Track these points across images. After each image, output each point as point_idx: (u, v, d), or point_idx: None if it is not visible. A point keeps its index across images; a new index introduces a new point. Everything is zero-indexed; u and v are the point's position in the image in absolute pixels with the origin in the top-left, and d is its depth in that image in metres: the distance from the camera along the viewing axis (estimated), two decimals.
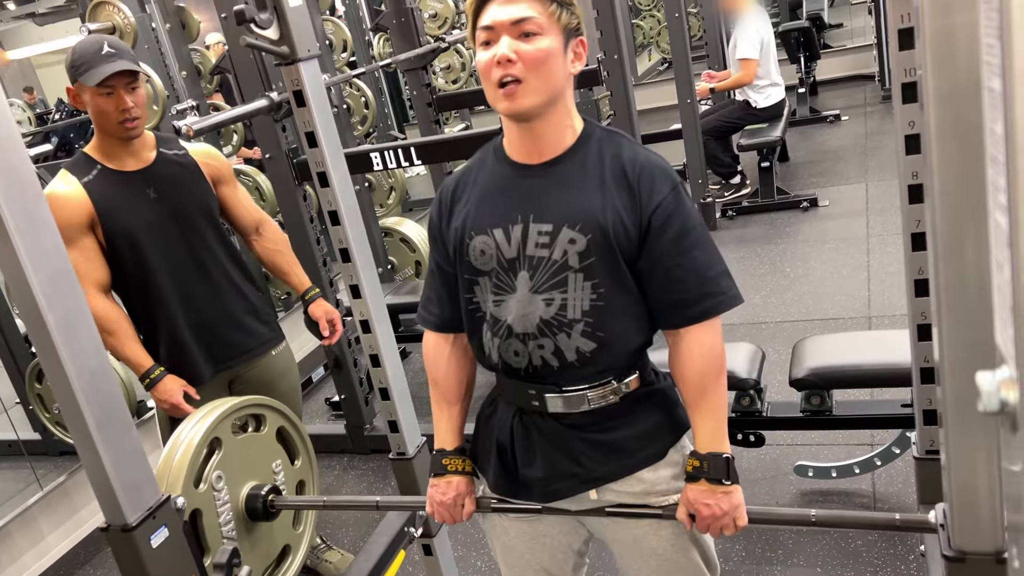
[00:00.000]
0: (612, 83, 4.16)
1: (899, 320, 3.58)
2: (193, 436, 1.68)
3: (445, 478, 1.55)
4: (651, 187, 1.32)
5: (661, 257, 1.33)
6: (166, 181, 2.16)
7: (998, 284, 0.54)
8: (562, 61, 1.30)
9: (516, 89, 1.28)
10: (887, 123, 6.57)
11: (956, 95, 0.94)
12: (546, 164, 1.36)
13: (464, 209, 1.42)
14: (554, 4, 1.29)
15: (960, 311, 1.03)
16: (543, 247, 1.34)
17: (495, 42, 1.29)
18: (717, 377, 1.38)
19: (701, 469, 1.39)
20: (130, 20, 3.35)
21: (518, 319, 1.38)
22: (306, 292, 2.47)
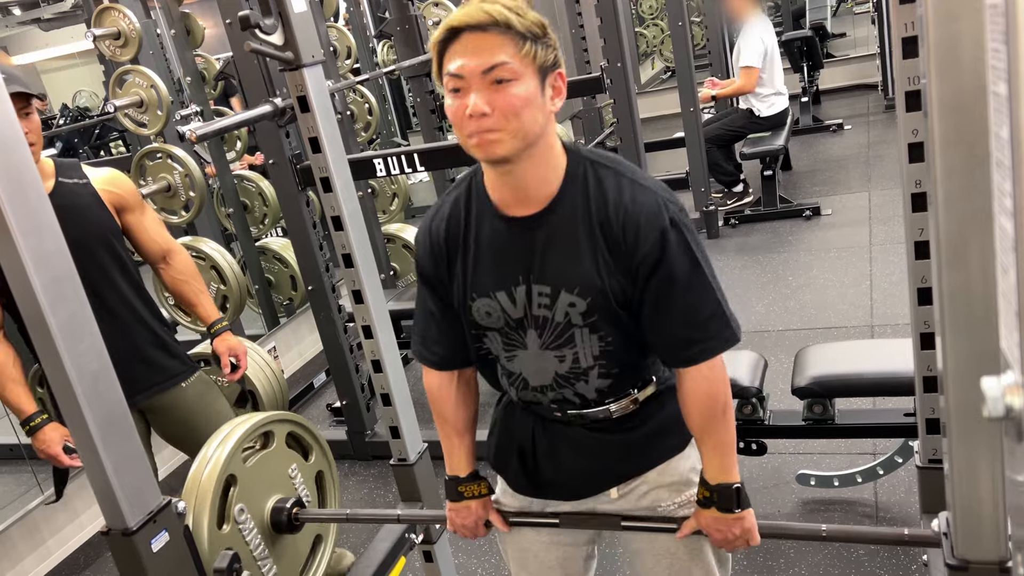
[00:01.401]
0: (615, 91, 4.17)
1: (902, 329, 3.57)
2: (207, 478, 1.67)
3: (463, 504, 1.57)
4: (636, 237, 1.25)
5: (647, 303, 1.30)
6: (62, 213, 2.02)
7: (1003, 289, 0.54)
8: (540, 102, 1.21)
9: (491, 138, 1.20)
10: (890, 132, 6.58)
11: (960, 103, 0.94)
12: (537, 216, 1.29)
13: (461, 264, 1.36)
14: (528, 42, 1.19)
15: (964, 319, 1.03)
16: (545, 308, 1.33)
17: (465, 91, 1.19)
18: (720, 416, 1.36)
19: (711, 500, 1.40)
20: (135, 25, 3.36)
21: (533, 373, 1.40)
22: (212, 325, 2.39)
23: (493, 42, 1.18)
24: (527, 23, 1.19)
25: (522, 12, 1.20)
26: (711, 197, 5.44)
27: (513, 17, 1.18)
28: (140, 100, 3.38)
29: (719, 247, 5.14)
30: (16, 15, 5.28)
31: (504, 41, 1.18)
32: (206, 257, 3.44)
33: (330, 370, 3.59)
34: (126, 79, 3.39)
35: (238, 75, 3.00)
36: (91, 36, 3.37)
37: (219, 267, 3.47)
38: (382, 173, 2.83)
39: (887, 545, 2.37)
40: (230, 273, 3.52)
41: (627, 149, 4.41)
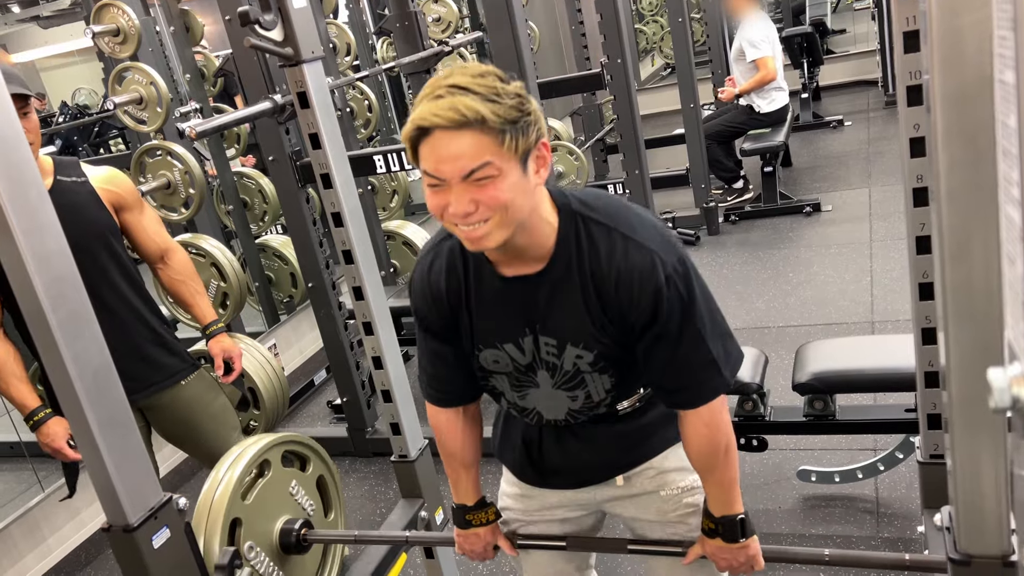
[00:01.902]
0: (615, 87, 4.17)
1: (902, 325, 3.57)
2: (210, 531, 1.66)
3: (472, 531, 1.58)
4: (629, 298, 1.24)
5: (641, 352, 1.31)
6: (61, 211, 2.01)
7: (1009, 279, 0.53)
8: (526, 185, 1.15)
9: (478, 234, 1.16)
10: (890, 128, 6.57)
11: (964, 96, 0.94)
12: (535, 275, 1.27)
13: (467, 318, 1.35)
14: (507, 135, 1.10)
15: (967, 313, 1.03)
16: (553, 356, 1.34)
17: (445, 188, 1.13)
18: (721, 458, 1.36)
19: (716, 531, 1.41)
20: (134, 22, 3.35)
21: (546, 408, 1.41)
22: (207, 326, 2.38)
23: (469, 142, 1.09)
24: (504, 110, 1.10)
25: (498, 97, 1.10)
26: (711, 193, 5.44)
27: (488, 111, 1.08)
28: (139, 97, 3.37)
29: (719, 243, 5.14)
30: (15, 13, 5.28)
31: (481, 140, 1.09)
32: (206, 254, 3.43)
33: (331, 367, 3.59)
34: (125, 76, 3.38)
35: (237, 72, 2.99)
36: (90, 33, 3.36)
37: (219, 264, 3.46)
38: (382, 170, 2.83)
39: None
40: (230, 270, 3.51)
41: (627, 146, 4.41)
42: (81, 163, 2.22)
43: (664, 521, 1.52)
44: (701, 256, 4.99)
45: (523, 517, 1.62)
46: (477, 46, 5.97)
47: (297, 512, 1.87)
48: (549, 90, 4.35)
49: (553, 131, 5.59)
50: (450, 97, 1.08)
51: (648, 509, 1.52)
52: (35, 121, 2.01)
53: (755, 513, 2.63)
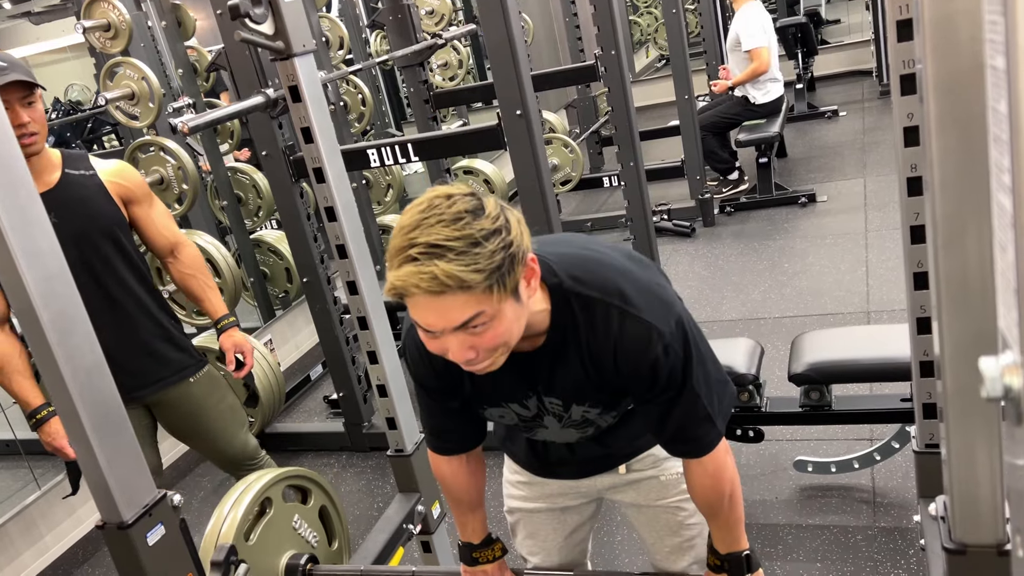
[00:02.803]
0: (610, 79, 4.16)
1: (898, 315, 3.57)
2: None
3: (479, 568, 1.59)
4: (628, 369, 1.24)
5: (641, 406, 1.33)
6: (68, 205, 2.05)
7: (1001, 268, 0.53)
8: (521, 310, 1.12)
9: (481, 368, 1.15)
10: (885, 118, 6.57)
11: (956, 84, 0.93)
12: (533, 352, 1.27)
13: (470, 386, 1.34)
14: (495, 285, 1.04)
15: (961, 302, 1.03)
16: (560, 409, 1.35)
17: (438, 334, 1.09)
18: (723, 502, 1.37)
19: (721, 567, 1.43)
20: (125, 17, 3.33)
21: (557, 438, 1.46)
22: (219, 320, 2.36)
23: (454, 303, 1.04)
24: (486, 262, 1.02)
25: (477, 246, 1.02)
26: (706, 185, 5.44)
27: (470, 276, 1.01)
28: (131, 92, 3.36)
29: (715, 235, 5.14)
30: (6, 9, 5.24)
31: (467, 299, 1.03)
32: (200, 250, 3.42)
33: (326, 362, 3.59)
34: (117, 71, 3.37)
35: (230, 66, 2.98)
36: (80, 28, 3.34)
37: (213, 260, 3.46)
38: (376, 163, 2.82)
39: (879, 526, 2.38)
40: (224, 266, 3.51)
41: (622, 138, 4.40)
42: (90, 156, 2.21)
43: (666, 505, 1.55)
44: (697, 247, 4.99)
45: (526, 505, 1.64)
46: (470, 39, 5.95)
47: (301, 546, 1.85)
48: (543, 83, 4.34)
49: (548, 124, 5.58)
50: (427, 262, 1.01)
51: (649, 494, 1.55)
52: (40, 111, 2.00)
53: (752, 504, 2.64)
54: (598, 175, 5.85)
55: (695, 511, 1.52)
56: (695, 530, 1.57)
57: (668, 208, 5.35)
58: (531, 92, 2.73)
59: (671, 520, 1.56)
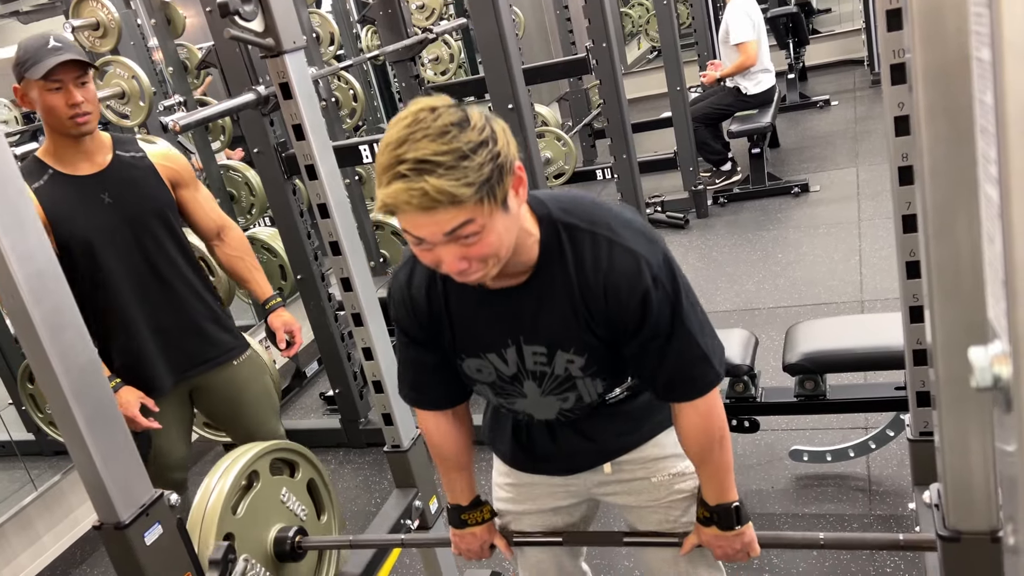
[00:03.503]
0: (601, 71, 4.15)
1: (891, 303, 3.58)
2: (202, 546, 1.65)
3: (467, 531, 1.58)
4: (618, 302, 1.23)
5: (632, 353, 1.31)
6: (121, 185, 2.09)
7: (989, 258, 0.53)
8: (511, 221, 1.13)
9: (473, 278, 1.15)
10: (877, 107, 6.58)
11: (945, 73, 0.93)
12: (519, 287, 1.27)
13: (449, 329, 1.34)
14: (484, 196, 1.05)
15: (952, 291, 1.03)
16: (542, 364, 1.33)
17: (429, 244, 1.10)
18: (714, 446, 1.37)
19: (711, 519, 1.43)
20: (114, 16, 3.32)
21: (536, 411, 1.42)
22: (267, 301, 2.38)
23: (445, 215, 1.04)
24: (475, 174, 1.03)
25: (466, 159, 1.03)
26: (699, 176, 5.43)
27: (459, 190, 1.02)
28: (122, 91, 3.35)
29: (708, 226, 5.14)
30: None
31: (458, 210, 1.04)
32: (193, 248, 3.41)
33: (322, 359, 3.59)
34: (107, 70, 3.35)
35: (220, 64, 2.97)
36: (69, 27, 3.32)
37: (206, 258, 3.44)
38: (368, 160, 2.81)
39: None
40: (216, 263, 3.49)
41: (614, 130, 4.40)
42: (138, 139, 2.23)
43: (656, 506, 1.53)
44: (690, 239, 4.99)
45: (515, 508, 1.62)
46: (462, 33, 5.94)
47: (290, 519, 1.86)
48: (535, 76, 4.33)
49: (540, 117, 5.58)
50: (416, 179, 1.01)
51: (640, 496, 1.53)
52: (93, 91, 2.02)
53: (748, 494, 2.65)
54: (591, 168, 5.84)
55: (687, 509, 1.51)
56: (687, 529, 1.55)
57: (661, 200, 5.36)
58: (523, 85, 2.73)
59: (662, 520, 1.54)
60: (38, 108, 1.99)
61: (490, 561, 2.62)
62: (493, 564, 2.61)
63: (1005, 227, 0.47)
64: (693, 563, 1.55)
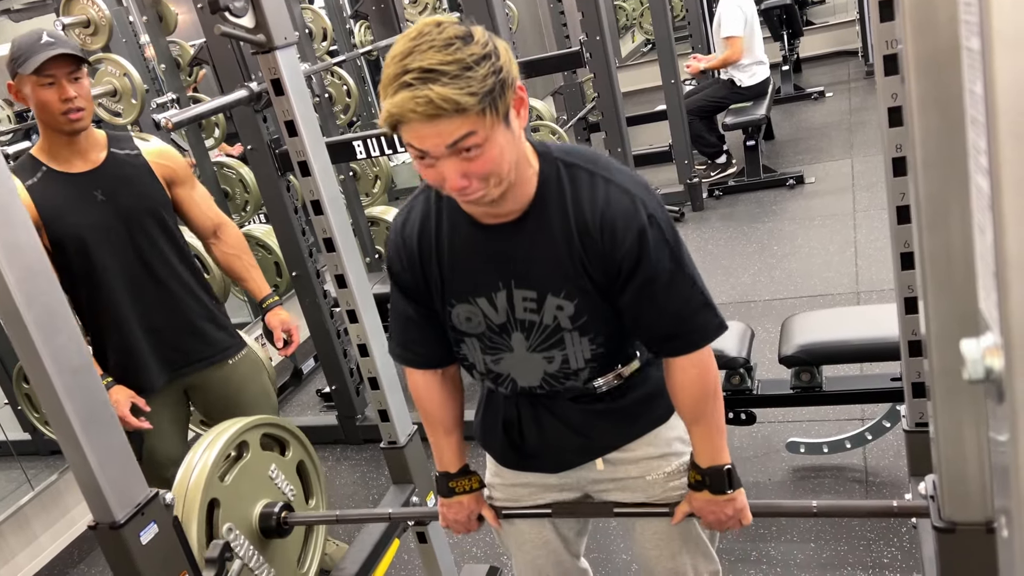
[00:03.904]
0: (595, 65, 4.15)
1: (887, 295, 3.58)
2: (188, 512, 1.65)
3: (455, 499, 1.57)
4: (613, 239, 1.23)
5: (630, 301, 1.29)
6: (115, 183, 2.09)
7: (980, 250, 0.53)
8: (511, 138, 1.15)
9: (475, 198, 1.16)
10: (871, 98, 6.57)
11: (937, 63, 0.93)
12: (514, 223, 1.27)
13: (438, 272, 1.33)
14: (486, 107, 1.08)
15: (945, 282, 1.03)
16: (531, 311, 1.31)
17: (432, 159, 1.12)
18: (709, 401, 1.37)
19: (703, 483, 1.41)
20: (105, 13, 3.30)
21: (521, 374, 1.39)
22: (264, 299, 2.38)
23: (449, 126, 1.07)
24: (478, 85, 1.06)
25: (469, 70, 1.06)
26: (694, 169, 5.43)
27: (463, 98, 1.05)
28: (114, 89, 3.33)
29: (703, 219, 5.14)
30: None
31: (462, 120, 1.07)
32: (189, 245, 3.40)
33: (318, 356, 3.58)
34: (98, 68, 3.33)
35: (212, 60, 2.96)
36: (60, 25, 3.31)
37: (201, 255, 3.43)
38: (362, 156, 2.80)
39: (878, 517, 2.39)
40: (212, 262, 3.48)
41: (609, 123, 4.39)
42: (133, 136, 2.22)
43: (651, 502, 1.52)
44: (686, 232, 4.99)
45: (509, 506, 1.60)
46: None
47: (277, 496, 1.86)
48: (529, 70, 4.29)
49: (535, 111, 5.56)
50: (421, 87, 1.04)
51: (635, 493, 1.51)
52: (87, 87, 2.02)
53: (745, 486, 2.63)
54: None
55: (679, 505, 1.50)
56: (676, 536, 1.54)
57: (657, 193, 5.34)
58: None
59: (653, 521, 1.52)
60: (32, 104, 1.98)
61: (488, 556, 2.64)
62: (491, 559, 2.62)
63: (996, 218, 0.47)
64: (689, 552, 1.55)
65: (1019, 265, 0.46)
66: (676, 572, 1.56)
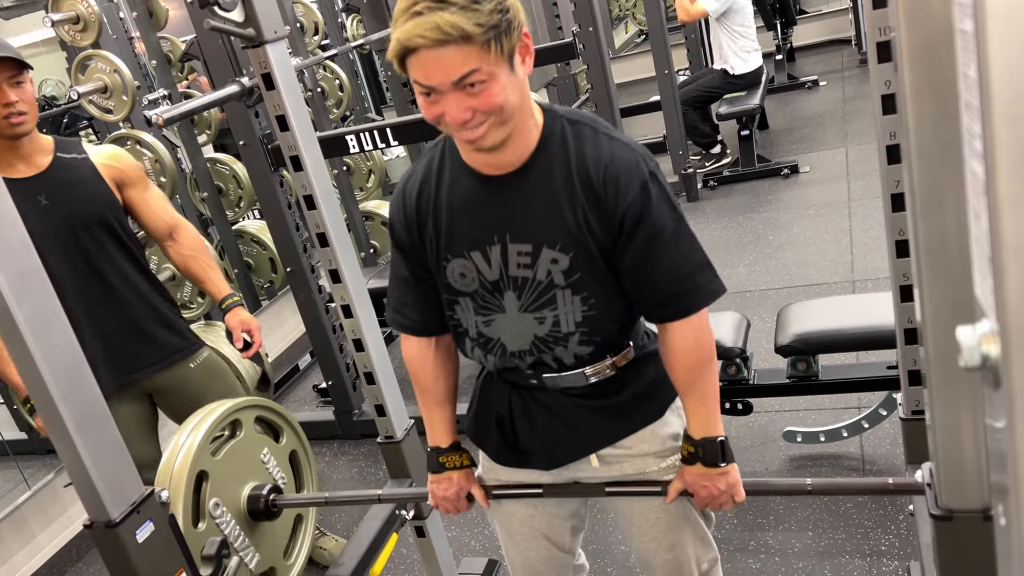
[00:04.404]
0: (588, 56, 4.13)
1: (882, 283, 3.59)
2: (176, 479, 1.64)
3: (444, 475, 1.56)
4: (616, 191, 1.25)
5: (634, 259, 1.29)
6: (60, 188, 2.07)
7: (975, 235, 0.52)
8: (515, 80, 1.18)
9: (476, 135, 1.19)
10: (865, 87, 6.57)
11: (930, 49, 0.92)
12: (513, 173, 1.28)
13: (433, 226, 1.35)
14: (492, 42, 1.12)
15: (940, 269, 1.02)
16: (525, 267, 1.31)
17: (437, 97, 1.16)
18: (705, 367, 1.37)
19: (696, 455, 1.40)
20: (94, 9, 3.27)
21: (511, 338, 1.38)
22: (224, 300, 2.35)
23: (455, 56, 1.11)
24: (485, 17, 1.10)
25: (478, 6, 1.10)
26: (689, 160, 5.43)
27: (470, 26, 1.09)
28: (104, 86, 3.31)
29: (699, 209, 5.14)
30: None
31: (468, 51, 1.11)
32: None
33: (314, 351, 3.58)
34: (88, 64, 3.31)
35: (203, 56, 2.94)
36: (49, 22, 3.28)
37: None
38: (355, 150, 2.78)
39: (873, 495, 2.40)
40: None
41: (603, 115, 4.37)
42: (83, 141, 2.21)
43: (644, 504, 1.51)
44: None
45: (504, 504, 1.60)
46: None
47: (268, 480, 1.85)
48: None
49: None
50: (430, 15, 1.09)
51: None
52: (30, 92, 2.00)
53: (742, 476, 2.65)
54: None
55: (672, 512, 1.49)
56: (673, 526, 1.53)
57: None
58: None
59: (652, 507, 1.51)
60: None
61: (487, 549, 2.64)
62: (490, 552, 2.62)
63: (991, 203, 0.46)
64: (687, 542, 1.54)
65: (1015, 250, 0.46)
66: (676, 563, 1.55)
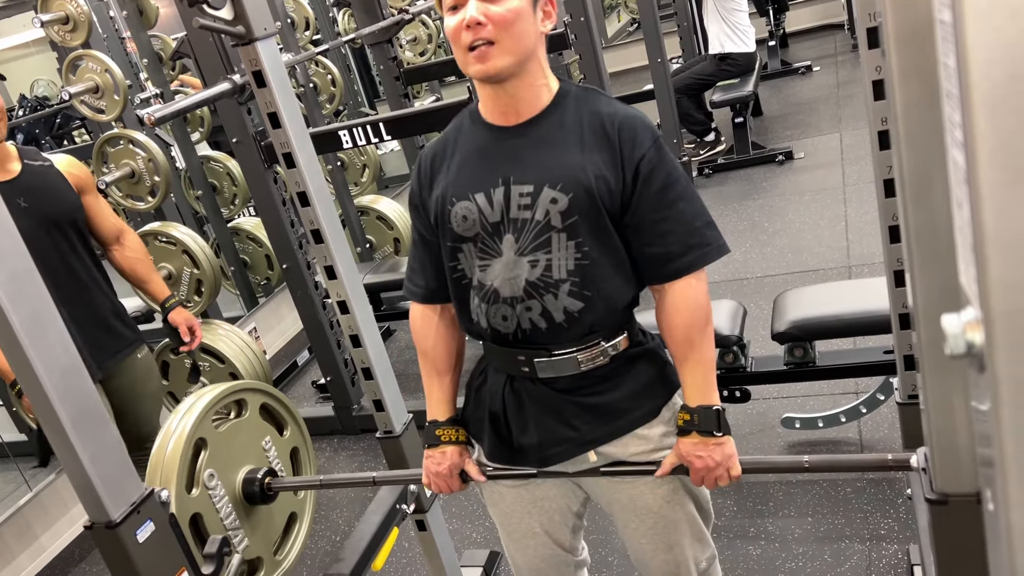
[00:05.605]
0: (581, 46, 4.12)
1: (878, 268, 3.59)
2: (176, 441, 1.65)
3: (439, 448, 1.56)
4: (632, 141, 1.32)
5: (648, 211, 1.33)
6: (35, 191, 2.22)
7: (958, 224, 0.53)
8: (532, 20, 1.30)
9: (487, 51, 1.27)
10: (858, 72, 6.51)
11: (917, 35, 0.92)
12: (524, 124, 1.36)
13: (444, 177, 1.41)
14: None
15: (931, 255, 1.02)
16: (525, 208, 1.34)
17: (462, 6, 1.27)
18: (704, 329, 1.38)
19: (692, 423, 1.40)
20: (83, 9, 3.26)
21: (504, 283, 1.38)
22: (165, 301, 2.58)
23: None
24: None
25: None
26: (684, 148, 5.42)
27: None
28: (95, 86, 3.30)
29: None
30: None
31: None
32: (176, 242, 3.38)
33: (312, 347, 3.58)
34: (79, 64, 3.31)
35: (194, 54, 2.93)
36: (38, 22, 3.27)
37: (191, 251, 3.42)
38: (348, 145, 2.79)
39: (870, 471, 2.40)
40: (202, 256, 3.47)
41: None
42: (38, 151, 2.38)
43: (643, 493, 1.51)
44: None
45: (500, 504, 1.61)
46: None
47: (266, 466, 1.85)
48: None
49: None
50: None
51: (624, 487, 1.51)
52: (0, 104, 2.12)
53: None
54: None
55: (673, 490, 1.49)
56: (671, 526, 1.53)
57: None
58: None
59: (650, 503, 1.51)
60: None
61: (488, 541, 2.65)
62: (491, 544, 2.63)
63: (972, 192, 0.47)
64: (685, 541, 1.54)
65: (996, 239, 0.46)
66: (674, 563, 1.55)
